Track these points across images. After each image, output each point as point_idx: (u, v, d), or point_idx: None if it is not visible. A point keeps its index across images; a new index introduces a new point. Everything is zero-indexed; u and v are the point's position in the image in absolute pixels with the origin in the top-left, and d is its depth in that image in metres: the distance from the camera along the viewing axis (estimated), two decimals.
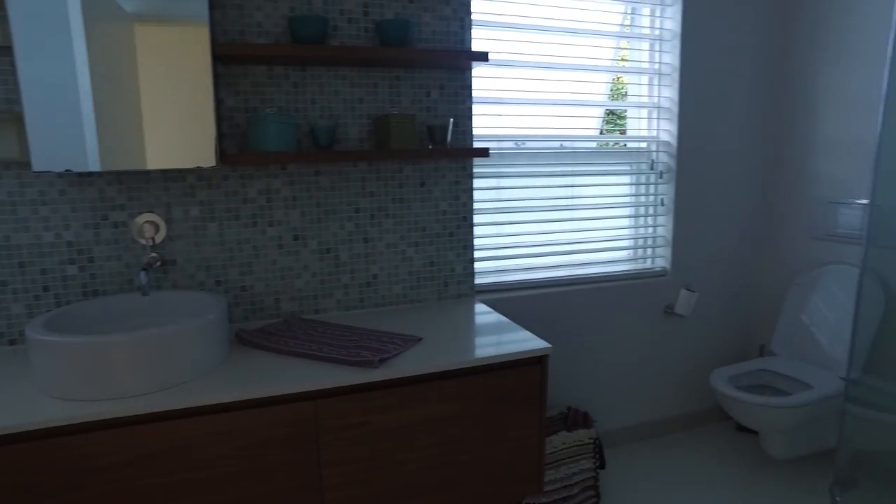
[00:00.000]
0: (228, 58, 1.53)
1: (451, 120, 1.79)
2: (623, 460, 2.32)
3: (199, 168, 1.59)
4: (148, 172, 1.57)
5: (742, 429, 2.54)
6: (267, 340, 1.50)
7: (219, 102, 1.60)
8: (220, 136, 1.60)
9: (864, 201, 2.19)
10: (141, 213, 1.58)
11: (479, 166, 2.06)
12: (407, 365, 1.38)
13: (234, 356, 1.43)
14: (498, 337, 1.59)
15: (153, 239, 1.58)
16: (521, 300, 2.14)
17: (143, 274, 1.47)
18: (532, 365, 1.53)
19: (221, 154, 1.56)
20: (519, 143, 2.17)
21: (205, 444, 1.23)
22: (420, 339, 1.55)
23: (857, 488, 1.88)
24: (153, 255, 1.58)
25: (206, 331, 1.31)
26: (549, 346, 1.52)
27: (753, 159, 2.50)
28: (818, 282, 2.29)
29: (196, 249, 1.64)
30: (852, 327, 1.97)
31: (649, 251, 2.43)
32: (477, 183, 2.06)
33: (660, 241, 2.43)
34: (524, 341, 1.55)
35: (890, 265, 2.00)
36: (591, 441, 1.97)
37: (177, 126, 1.46)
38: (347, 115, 1.74)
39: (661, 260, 2.43)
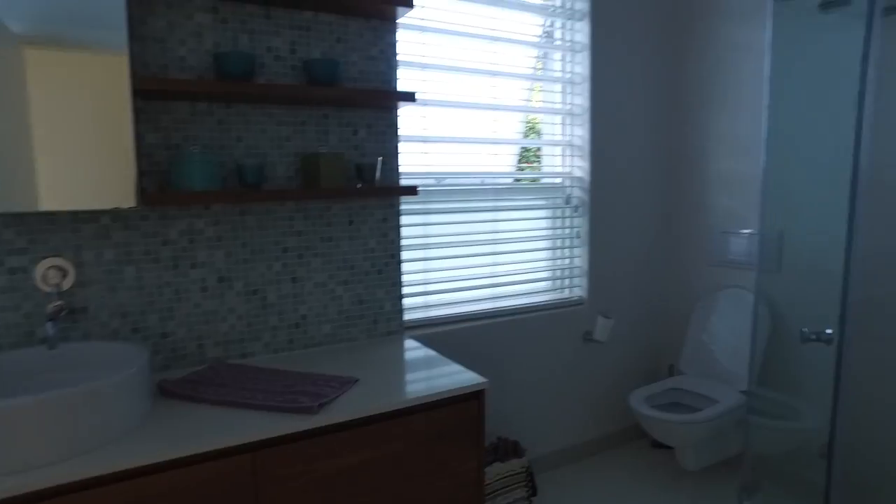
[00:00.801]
0: (148, 92, 1.46)
1: (380, 159, 1.81)
2: (553, 485, 2.38)
3: (115, 208, 1.49)
4: (53, 213, 1.44)
5: (657, 445, 2.70)
6: (194, 390, 1.41)
7: (138, 139, 1.51)
8: (140, 175, 1.51)
9: (749, 231, 2.44)
10: (45, 257, 1.44)
11: (405, 203, 2.08)
12: (347, 408, 1.35)
13: (157, 410, 1.33)
14: (433, 373, 1.60)
15: (59, 285, 1.45)
16: (448, 334, 2.17)
17: (50, 325, 1.34)
18: (470, 400, 1.55)
19: (141, 193, 1.47)
20: (439, 179, 2.22)
21: None
22: (357, 381, 1.52)
23: (761, 491, 2.06)
24: (59, 303, 1.45)
25: (125, 386, 1.21)
26: (485, 380, 1.55)
27: (657, 194, 2.72)
28: (716, 304, 2.51)
29: (110, 295, 1.52)
30: (751, 345, 2.18)
31: (567, 281, 2.56)
32: (403, 220, 2.08)
33: (577, 272, 2.56)
34: (459, 376, 1.57)
35: (774, 287, 2.23)
36: (524, 469, 2.01)
37: (90, 163, 1.36)
38: (274, 153, 1.71)
39: (578, 289, 2.56)
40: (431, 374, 1.59)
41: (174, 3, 1.54)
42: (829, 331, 1.53)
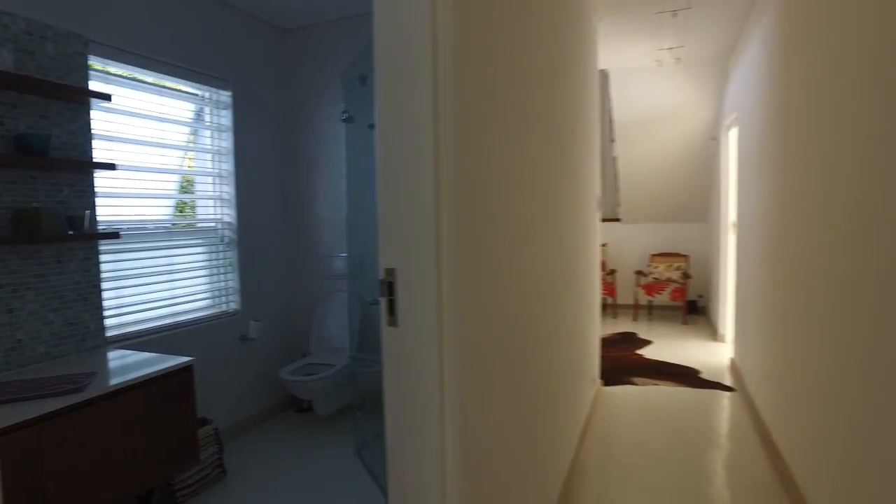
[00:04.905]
0: None
1: (88, 212, 2.36)
2: (235, 447, 3.17)
3: None
4: None
5: (300, 410, 3.76)
6: None
7: None
8: None
9: (343, 254, 3.78)
10: None
11: (103, 245, 2.60)
12: (101, 386, 1.96)
13: None
14: (154, 361, 2.28)
15: None
16: (141, 344, 2.75)
17: None
18: (184, 373, 2.30)
19: None
20: (109, 225, 2.78)
21: None
22: (95, 373, 2.10)
23: (364, 411, 3.33)
24: None
25: None
26: (194, 358, 2.33)
27: (285, 231, 3.82)
28: (328, 305, 3.75)
29: None
30: (349, 327, 3.47)
31: (225, 298, 3.40)
32: (102, 258, 2.59)
33: (231, 291, 3.43)
34: (175, 359, 2.30)
35: (361, 289, 3.58)
36: (213, 432, 2.77)
37: None
38: None
39: (233, 303, 3.43)
40: (152, 362, 2.27)
41: None
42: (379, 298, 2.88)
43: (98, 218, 2.51)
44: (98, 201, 2.51)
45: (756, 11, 3.65)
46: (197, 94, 3.21)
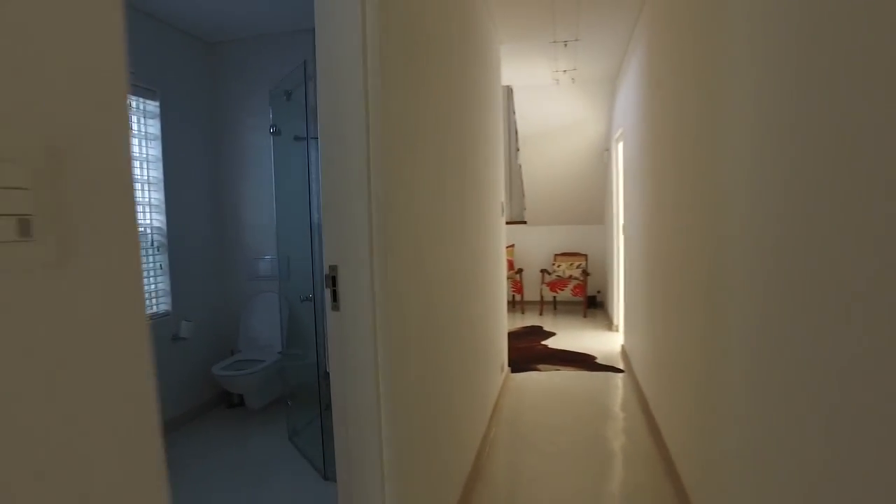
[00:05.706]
0: None
1: None
2: (170, 442, 3.28)
3: None
4: None
5: (231, 406, 3.93)
6: None
7: None
8: None
9: (269, 256, 4.00)
10: None
11: None
12: None
13: None
14: None
15: None
16: None
17: None
18: None
19: None
20: None
21: None
22: None
23: (295, 400, 3.58)
24: None
25: None
26: None
27: (214, 235, 3.98)
28: (254, 305, 3.96)
29: None
30: (280, 325, 3.70)
31: (156, 300, 3.52)
32: None
33: (162, 292, 3.56)
34: None
35: (288, 289, 3.82)
36: None
37: None
38: None
39: (164, 305, 3.57)
40: None
41: None
42: (310, 295, 3.17)
43: None
44: None
45: (632, 44, 4.26)
46: None
